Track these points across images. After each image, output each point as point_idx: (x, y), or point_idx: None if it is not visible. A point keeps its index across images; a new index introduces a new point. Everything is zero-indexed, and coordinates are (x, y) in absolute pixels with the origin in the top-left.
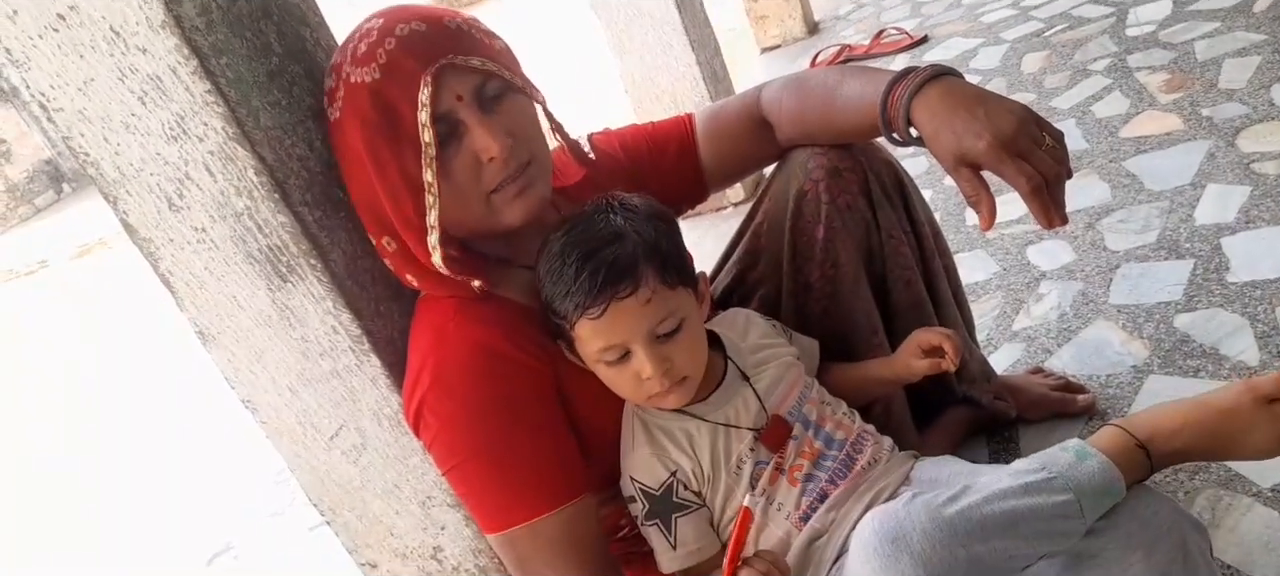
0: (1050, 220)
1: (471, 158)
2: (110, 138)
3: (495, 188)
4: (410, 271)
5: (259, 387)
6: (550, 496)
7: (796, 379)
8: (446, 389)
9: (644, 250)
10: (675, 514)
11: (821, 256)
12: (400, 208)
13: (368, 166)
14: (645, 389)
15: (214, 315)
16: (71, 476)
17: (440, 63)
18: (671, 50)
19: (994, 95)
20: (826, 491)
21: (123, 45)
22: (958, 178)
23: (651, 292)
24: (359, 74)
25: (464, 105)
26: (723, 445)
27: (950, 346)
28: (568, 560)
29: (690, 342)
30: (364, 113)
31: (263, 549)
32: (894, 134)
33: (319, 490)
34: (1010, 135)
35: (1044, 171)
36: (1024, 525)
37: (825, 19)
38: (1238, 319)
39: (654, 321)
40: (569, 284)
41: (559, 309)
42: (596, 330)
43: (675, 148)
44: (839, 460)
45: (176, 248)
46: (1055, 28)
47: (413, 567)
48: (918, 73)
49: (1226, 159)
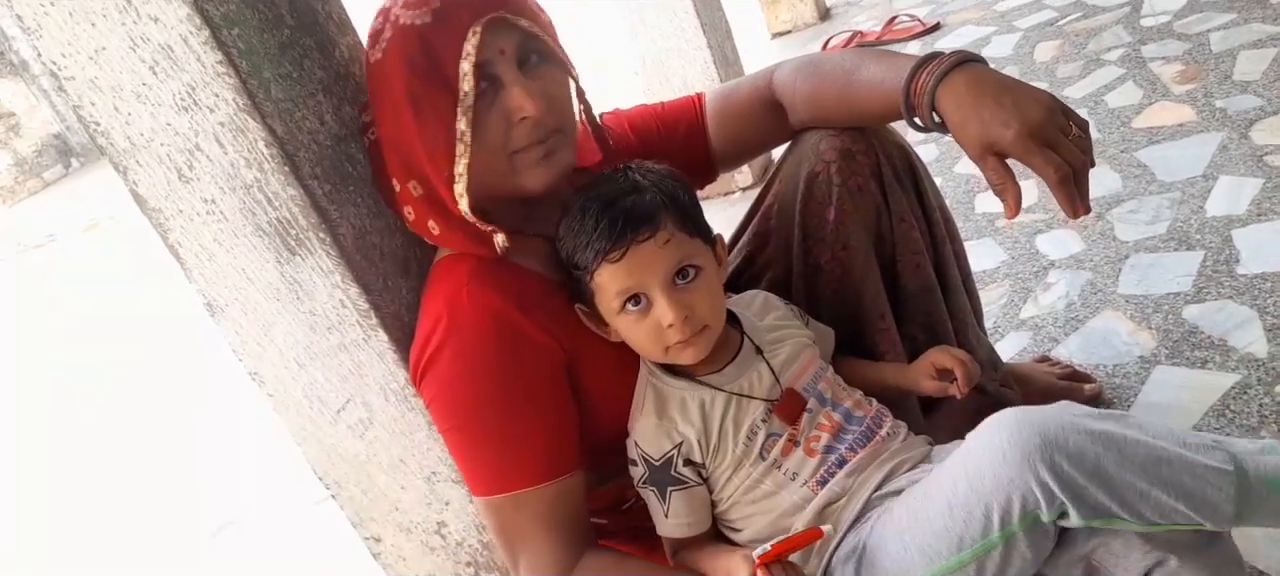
0: (1076, 210)
1: (504, 114)
2: (121, 107)
3: (521, 149)
4: (433, 218)
5: (266, 360)
6: (539, 470)
7: (811, 359)
8: (454, 351)
9: (663, 199)
10: (671, 486)
11: (832, 238)
12: (434, 154)
13: (405, 108)
14: (665, 338)
15: (222, 287)
16: (76, 450)
17: (491, 16)
18: (683, 33)
19: (1020, 83)
20: (846, 458)
21: (134, 14)
22: (984, 166)
23: (670, 236)
24: (408, 16)
25: (505, 61)
26: (734, 414)
27: (962, 373)
28: (549, 533)
29: (709, 291)
30: (410, 54)
31: (267, 523)
32: (916, 119)
33: (324, 464)
34: (1038, 124)
35: (1072, 161)
36: (1167, 469)
37: (837, 4)
38: (1247, 310)
39: (672, 264)
40: (590, 233)
41: (579, 260)
42: (615, 274)
43: (684, 128)
44: (859, 433)
45: (186, 219)
46: (1069, 17)
47: (416, 542)
48: (942, 59)
49: (1239, 151)
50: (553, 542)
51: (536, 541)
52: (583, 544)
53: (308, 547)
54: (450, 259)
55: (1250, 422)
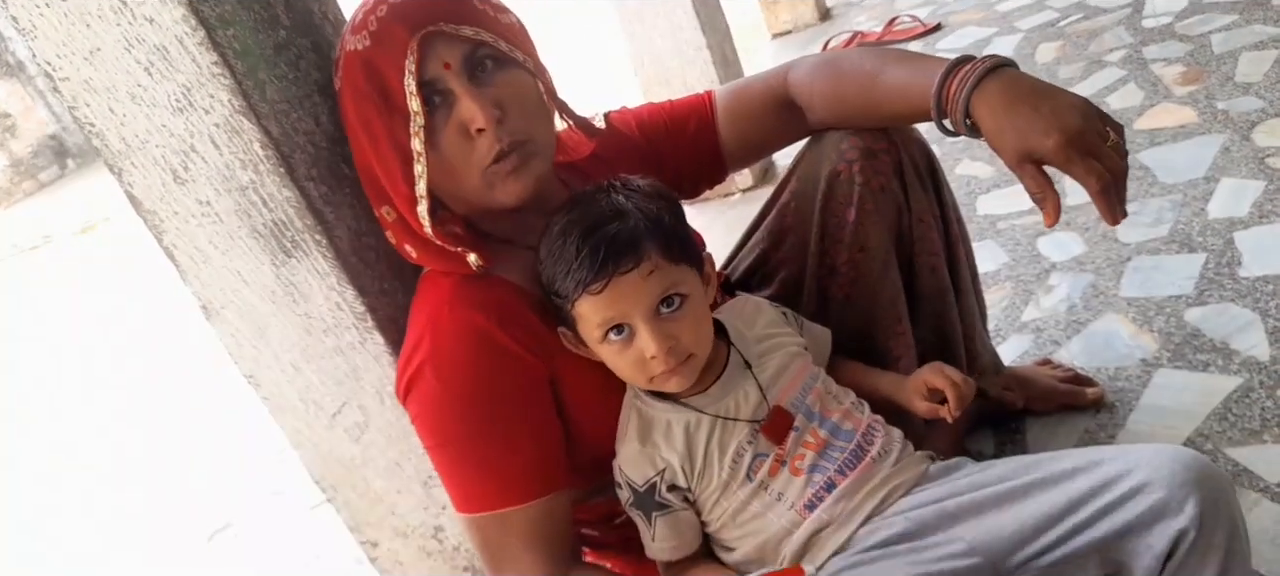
0: (1115, 217)
1: (459, 127)
2: (116, 108)
3: (490, 163)
4: (408, 242)
5: (262, 363)
6: (522, 490)
7: (801, 369)
8: (436, 369)
9: (646, 226)
10: (655, 512)
11: (851, 239)
12: (393, 177)
13: (361, 135)
14: (649, 369)
15: (217, 289)
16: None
17: (427, 29)
18: (682, 33)
19: (1056, 88)
20: (835, 481)
21: (129, 15)
22: (1022, 175)
23: (654, 266)
24: (353, 42)
25: (452, 73)
26: (720, 438)
27: (954, 396)
28: (533, 552)
29: (694, 319)
30: (357, 82)
31: (263, 527)
32: (946, 123)
33: (321, 468)
34: (1078, 133)
35: (1112, 169)
36: None
37: (837, 5)
38: (1249, 313)
39: (656, 296)
40: (570, 262)
41: (560, 288)
42: (597, 305)
43: (694, 125)
44: (848, 451)
45: (181, 221)
46: (1070, 18)
47: (413, 546)
48: (975, 64)
49: (1241, 153)
50: (537, 560)
51: (521, 559)
52: (568, 561)
53: (304, 552)
54: (435, 271)
55: (1253, 426)
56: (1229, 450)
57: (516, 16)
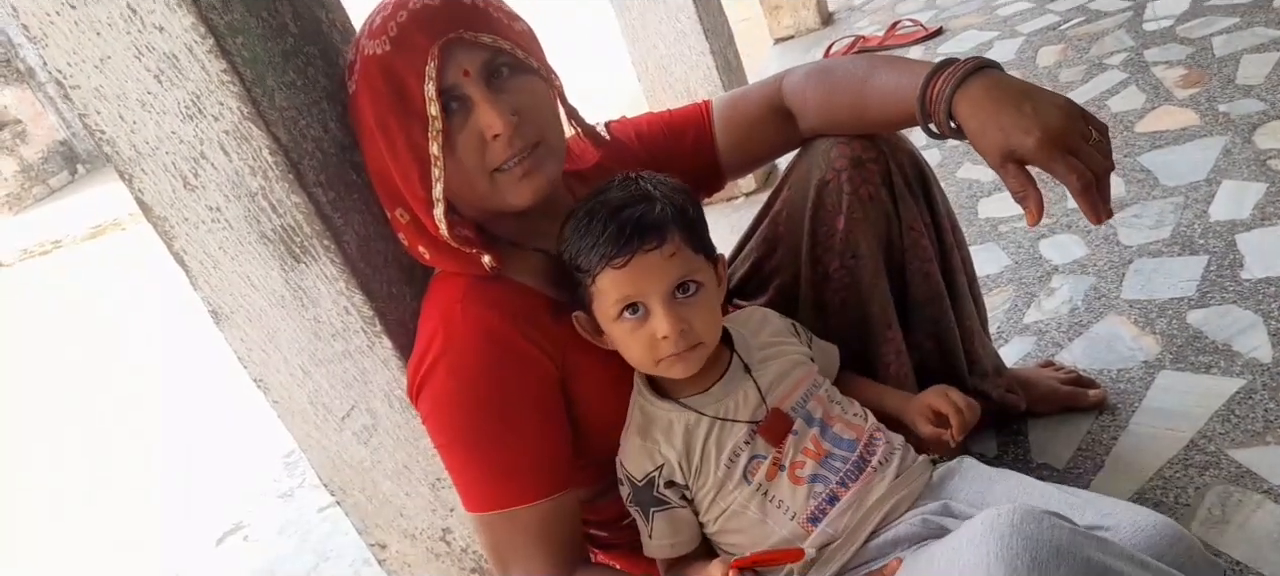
0: (1098, 216)
1: (477, 134)
2: (126, 115)
3: (500, 166)
4: (422, 244)
5: (271, 368)
6: (532, 488)
7: (803, 376)
8: (448, 368)
9: (672, 211)
10: (653, 507)
11: (841, 247)
12: (409, 180)
13: (379, 138)
14: (659, 351)
15: (227, 295)
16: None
17: (448, 37)
18: (685, 39)
19: (1038, 88)
20: (837, 493)
21: (139, 23)
22: (1004, 174)
23: (676, 249)
24: (372, 46)
25: (470, 81)
26: (717, 437)
27: (958, 422)
28: (541, 551)
29: (707, 308)
30: (375, 85)
31: (272, 529)
32: (932, 126)
33: (330, 470)
34: (1059, 131)
35: (1094, 168)
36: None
37: (839, 10)
38: (1251, 315)
39: (675, 277)
40: (597, 237)
41: (583, 263)
42: (617, 280)
43: (692, 135)
44: (850, 463)
45: (191, 227)
46: (1072, 21)
47: (421, 548)
48: (958, 66)
49: (1242, 155)
50: (545, 559)
51: (529, 558)
52: (575, 561)
53: (313, 554)
54: (447, 272)
55: (1255, 428)
56: (1232, 452)
57: (527, 23)
